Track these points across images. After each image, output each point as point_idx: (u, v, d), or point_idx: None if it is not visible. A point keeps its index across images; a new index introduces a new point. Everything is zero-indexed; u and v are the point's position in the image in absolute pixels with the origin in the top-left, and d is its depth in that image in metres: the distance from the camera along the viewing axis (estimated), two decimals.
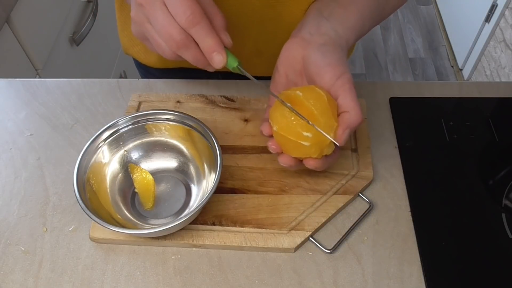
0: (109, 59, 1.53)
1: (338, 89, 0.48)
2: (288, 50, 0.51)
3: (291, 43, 0.51)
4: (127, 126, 0.57)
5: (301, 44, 0.50)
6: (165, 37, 0.44)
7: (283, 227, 0.53)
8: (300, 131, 0.47)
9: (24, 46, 1.07)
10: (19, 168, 0.61)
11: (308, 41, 0.50)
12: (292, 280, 0.50)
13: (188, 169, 0.58)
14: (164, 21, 0.43)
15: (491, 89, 0.68)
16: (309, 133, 0.47)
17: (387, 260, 0.51)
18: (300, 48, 0.50)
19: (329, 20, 0.52)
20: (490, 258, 0.51)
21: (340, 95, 0.48)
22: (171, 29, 0.43)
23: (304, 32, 0.51)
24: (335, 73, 0.48)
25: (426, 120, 0.64)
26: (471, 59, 1.99)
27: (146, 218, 0.55)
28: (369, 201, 0.55)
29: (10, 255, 0.53)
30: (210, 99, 0.66)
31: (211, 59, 0.45)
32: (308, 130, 0.47)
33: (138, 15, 0.45)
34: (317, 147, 0.48)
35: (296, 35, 0.51)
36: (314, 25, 0.51)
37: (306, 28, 0.51)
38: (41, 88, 0.71)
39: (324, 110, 0.47)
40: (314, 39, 0.50)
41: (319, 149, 0.48)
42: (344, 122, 0.47)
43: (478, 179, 0.58)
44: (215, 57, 0.44)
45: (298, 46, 0.50)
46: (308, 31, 0.51)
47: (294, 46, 0.51)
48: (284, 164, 0.50)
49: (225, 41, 0.46)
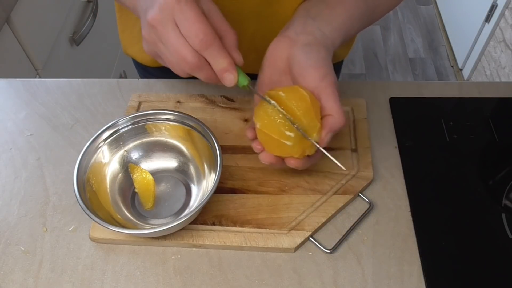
0: (109, 59, 1.53)
1: (321, 91, 0.48)
2: (274, 49, 0.51)
3: (277, 42, 0.51)
4: (127, 126, 0.57)
5: (287, 43, 0.50)
6: (178, 59, 0.44)
7: (283, 227, 0.53)
8: (283, 130, 0.47)
9: (24, 46, 1.07)
10: (19, 168, 0.61)
11: (294, 41, 0.50)
12: (292, 280, 0.50)
13: (188, 169, 0.58)
14: (177, 43, 0.43)
15: (491, 89, 0.68)
16: (292, 133, 0.47)
17: (387, 260, 0.51)
18: (285, 47, 0.50)
19: (315, 20, 0.52)
20: (490, 258, 0.51)
21: (323, 98, 0.48)
22: (184, 52, 0.43)
23: (290, 31, 0.51)
24: (318, 75, 0.48)
25: (426, 120, 0.64)
26: (471, 59, 1.99)
27: (146, 218, 0.55)
28: (369, 201, 0.55)
29: (10, 255, 0.53)
30: (210, 99, 0.66)
31: (223, 79, 0.46)
32: (291, 130, 0.47)
33: (151, 35, 0.45)
34: (299, 147, 0.48)
35: (283, 34, 0.51)
36: (300, 24, 0.51)
37: (292, 28, 0.51)
38: (41, 88, 0.71)
39: (307, 110, 0.47)
40: (299, 39, 0.50)
41: (301, 149, 0.48)
42: (328, 125, 0.47)
43: (478, 179, 0.58)
44: (227, 77, 0.45)
45: (284, 45, 0.50)
46: (295, 30, 0.51)
47: (279, 45, 0.51)
48: (265, 161, 0.50)
49: (237, 59, 0.46)
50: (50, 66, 1.17)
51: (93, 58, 1.41)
